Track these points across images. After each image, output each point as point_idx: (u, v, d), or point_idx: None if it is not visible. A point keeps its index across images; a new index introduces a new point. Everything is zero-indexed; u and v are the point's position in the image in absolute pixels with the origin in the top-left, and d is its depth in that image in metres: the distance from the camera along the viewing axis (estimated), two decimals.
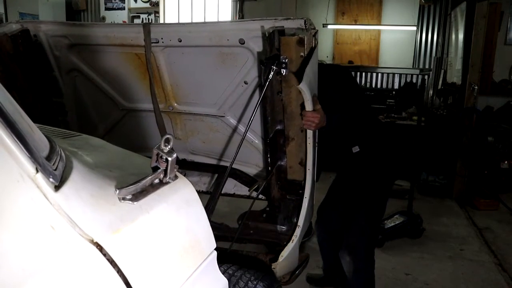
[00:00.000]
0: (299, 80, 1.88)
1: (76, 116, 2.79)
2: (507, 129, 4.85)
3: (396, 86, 6.97)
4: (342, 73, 2.54)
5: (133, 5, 7.65)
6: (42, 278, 0.74)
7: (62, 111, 2.75)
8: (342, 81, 2.44)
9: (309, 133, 2.05)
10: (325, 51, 7.38)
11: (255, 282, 1.73)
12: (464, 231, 3.97)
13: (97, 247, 0.81)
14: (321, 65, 2.25)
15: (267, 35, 1.96)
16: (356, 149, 2.42)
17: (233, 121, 2.47)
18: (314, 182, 2.21)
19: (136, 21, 7.57)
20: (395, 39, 7.28)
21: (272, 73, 1.92)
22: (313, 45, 1.90)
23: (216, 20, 7.28)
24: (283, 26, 1.93)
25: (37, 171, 0.77)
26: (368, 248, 2.46)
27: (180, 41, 2.18)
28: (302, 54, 1.89)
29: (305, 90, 1.88)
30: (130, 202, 0.93)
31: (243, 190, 2.68)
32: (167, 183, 1.05)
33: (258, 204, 2.43)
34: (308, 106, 1.95)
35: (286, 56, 1.90)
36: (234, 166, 2.15)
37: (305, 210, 2.19)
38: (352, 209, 2.48)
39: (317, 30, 1.90)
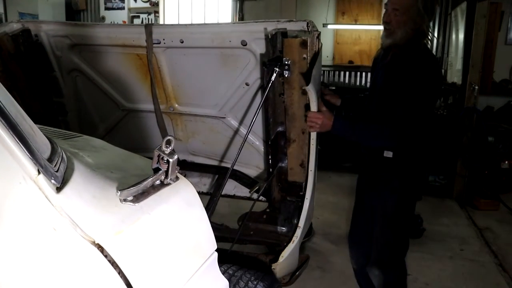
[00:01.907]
0: (307, 81, 1.88)
1: (77, 116, 2.79)
2: (508, 129, 4.85)
3: None
4: (430, 66, 1.96)
5: (133, 5, 7.65)
6: (44, 279, 0.74)
7: (62, 111, 2.76)
8: (423, 74, 1.92)
9: (312, 134, 2.05)
10: (325, 51, 7.36)
11: (255, 282, 1.73)
12: (464, 231, 3.97)
13: (98, 248, 0.81)
14: (424, 48, 1.94)
15: (269, 37, 1.97)
16: (388, 154, 2.03)
17: (234, 123, 2.47)
18: (315, 183, 2.21)
19: (136, 21, 7.57)
20: None
21: (274, 75, 1.93)
22: (318, 47, 1.90)
23: (216, 19, 7.28)
24: (285, 28, 1.93)
25: (39, 173, 0.77)
26: (397, 260, 2.24)
27: (182, 42, 2.19)
28: (304, 56, 1.89)
29: (312, 91, 1.88)
30: (132, 203, 0.93)
31: (244, 191, 2.69)
32: (168, 184, 1.05)
33: (259, 205, 2.43)
34: (314, 107, 1.95)
35: (289, 58, 1.90)
36: (234, 167, 2.15)
37: (306, 211, 2.19)
38: (376, 221, 2.19)
39: (320, 32, 1.91)
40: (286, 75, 1.94)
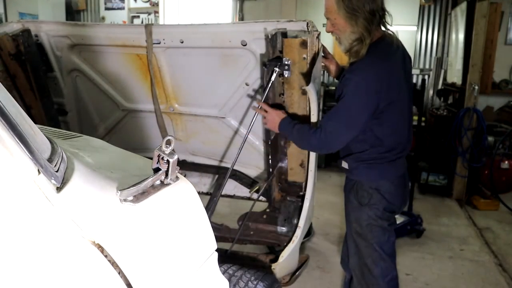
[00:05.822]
0: (307, 81, 1.88)
1: (77, 116, 2.80)
2: (508, 129, 4.85)
3: None
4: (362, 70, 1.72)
5: (133, 5, 7.65)
6: (44, 279, 0.74)
7: (62, 111, 2.76)
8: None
9: None
10: None
11: (255, 282, 1.73)
12: (464, 231, 3.97)
13: (98, 248, 0.81)
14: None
15: (269, 37, 1.97)
16: (345, 164, 1.88)
17: (234, 123, 2.47)
18: (315, 183, 2.21)
19: (136, 21, 7.57)
20: None
21: (274, 75, 1.93)
22: (318, 47, 1.90)
23: (216, 19, 7.28)
24: (285, 28, 1.93)
25: (39, 173, 0.77)
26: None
27: (182, 42, 2.19)
28: (304, 56, 1.89)
29: (312, 91, 1.88)
30: (132, 203, 0.93)
31: (243, 191, 2.69)
32: (168, 184, 1.05)
33: (259, 205, 2.43)
34: (314, 108, 1.95)
35: (289, 58, 1.90)
36: (234, 167, 2.15)
37: (306, 211, 2.19)
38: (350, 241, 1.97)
39: (320, 32, 1.90)
40: (286, 75, 1.94)
